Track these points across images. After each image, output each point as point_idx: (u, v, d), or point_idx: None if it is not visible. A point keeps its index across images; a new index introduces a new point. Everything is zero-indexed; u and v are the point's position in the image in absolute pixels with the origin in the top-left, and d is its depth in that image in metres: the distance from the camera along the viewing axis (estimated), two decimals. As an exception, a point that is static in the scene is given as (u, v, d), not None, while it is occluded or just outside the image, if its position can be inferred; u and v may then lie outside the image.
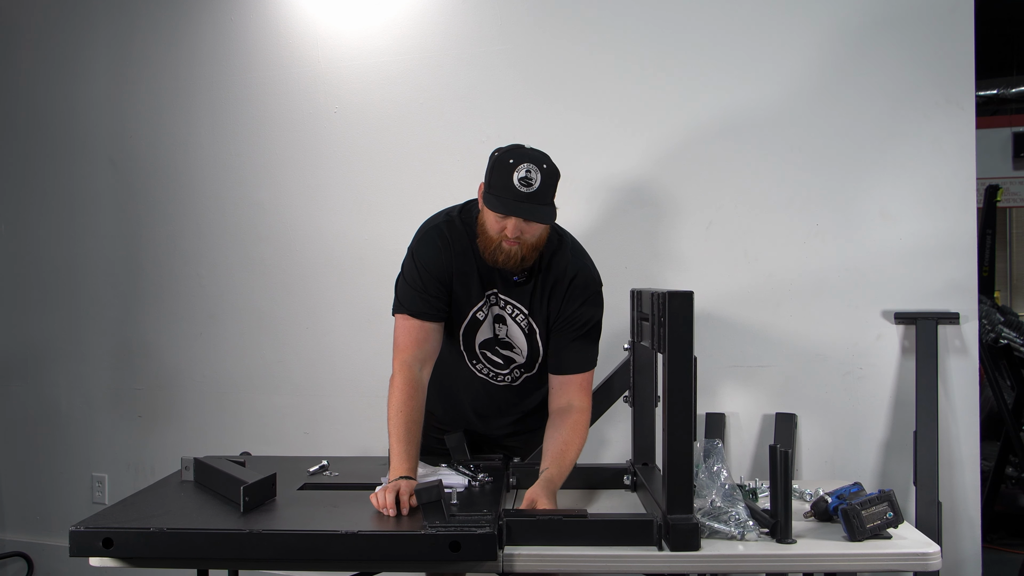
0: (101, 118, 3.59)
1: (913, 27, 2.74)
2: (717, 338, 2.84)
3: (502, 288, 2.14)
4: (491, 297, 2.16)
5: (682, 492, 1.76)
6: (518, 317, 2.17)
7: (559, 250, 2.15)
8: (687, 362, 1.78)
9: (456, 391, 2.31)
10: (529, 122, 3.05)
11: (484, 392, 2.28)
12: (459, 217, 2.16)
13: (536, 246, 2.05)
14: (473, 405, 2.32)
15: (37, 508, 3.75)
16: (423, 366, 2.13)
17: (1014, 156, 7.07)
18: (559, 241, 2.17)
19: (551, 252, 2.14)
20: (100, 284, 3.61)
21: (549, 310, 2.14)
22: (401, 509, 1.84)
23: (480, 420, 2.34)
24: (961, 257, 2.72)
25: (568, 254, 2.16)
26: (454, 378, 2.29)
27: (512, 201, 1.96)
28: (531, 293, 2.13)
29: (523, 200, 1.96)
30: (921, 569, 1.75)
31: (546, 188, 1.98)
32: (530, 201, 1.96)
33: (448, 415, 2.36)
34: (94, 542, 1.71)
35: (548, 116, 3.03)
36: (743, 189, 2.88)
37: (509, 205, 1.96)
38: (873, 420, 2.79)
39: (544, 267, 2.13)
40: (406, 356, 2.12)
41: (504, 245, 2.01)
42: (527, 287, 2.13)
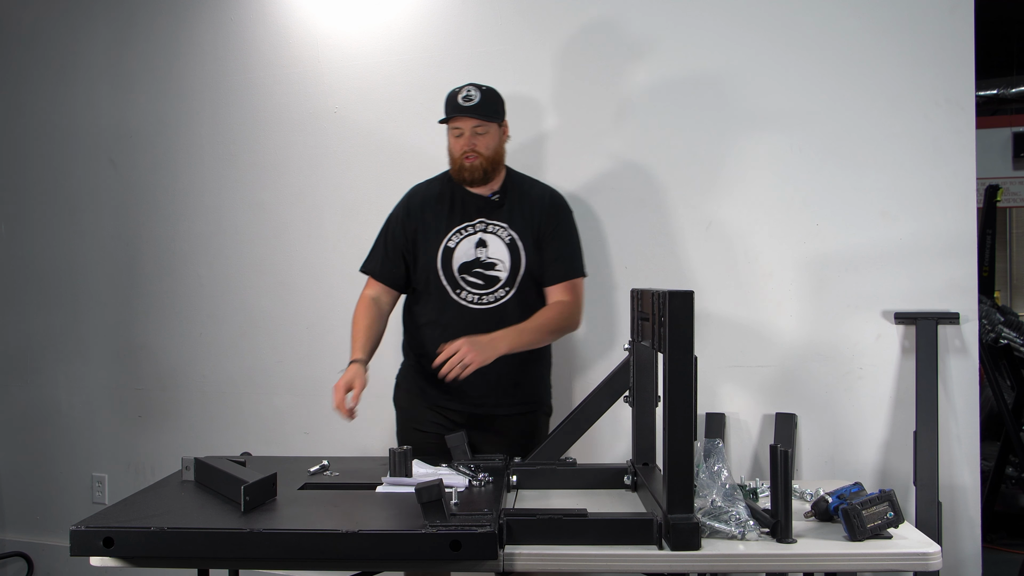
0: (101, 118, 3.59)
1: (913, 27, 2.74)
2: (717, 338, 2.84)
3: (487, 214, 2.51)
4: (475, 226, 2.51)
5: (682, 492, 1.76)
6: (500, 232, 2.50)
7: (525, 180, 2.60)
8: (687, 362, 1.78)
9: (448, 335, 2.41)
10: (529, 121, 3.05)
11: (472, 324, 2.44)
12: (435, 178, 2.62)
13: (492, 158, 2.48)
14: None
15: (37, 508, 3.75)
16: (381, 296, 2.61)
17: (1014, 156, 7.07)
18: (531, 179, 2.62)
19: (518, 180, 2.58)
20: (100, 284, 3.61)
21: (538, 228, 2.51)
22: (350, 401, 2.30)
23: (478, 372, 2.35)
24: (961, 257, 2.72)
25: (535, 182, 2.62)
26: (444, 324, 2.51)
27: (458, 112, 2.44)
28: (509, 211, 2.51)
29: (467, 111, 2.44)
30: (921, 569, 1.75)
31: (486, 102, 2.46)
32: (473, 111, 2.44)
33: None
34: (95, 541, 1.71)
35: (548, 116, 3.03)
36: (743, 189, 2.88)
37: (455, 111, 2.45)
38: (873, 420, 2.79)
39: (515, 190, 2.55)
40: (366, 291, 2.62)
41: (466, 162, 2.46)
42: (504, 208, 2.52)
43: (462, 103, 2.44)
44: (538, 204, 2.54)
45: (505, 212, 2.52)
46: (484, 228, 2.52)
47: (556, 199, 2.59)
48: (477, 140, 2.46)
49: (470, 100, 2.44)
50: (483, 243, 2.50)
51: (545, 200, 2.56)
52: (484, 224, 2.52)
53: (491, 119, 2.47)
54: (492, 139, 2.48)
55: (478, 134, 2.46)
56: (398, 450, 2.11)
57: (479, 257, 2.50)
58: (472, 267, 2.50)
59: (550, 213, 2.54)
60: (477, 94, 2.45)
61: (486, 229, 2.51)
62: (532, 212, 2.52)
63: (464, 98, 2.45)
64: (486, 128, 2.47)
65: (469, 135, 2.45)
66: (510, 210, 2.52)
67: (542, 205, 2.54)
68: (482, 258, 2.50)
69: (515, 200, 2.54)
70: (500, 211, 2.52)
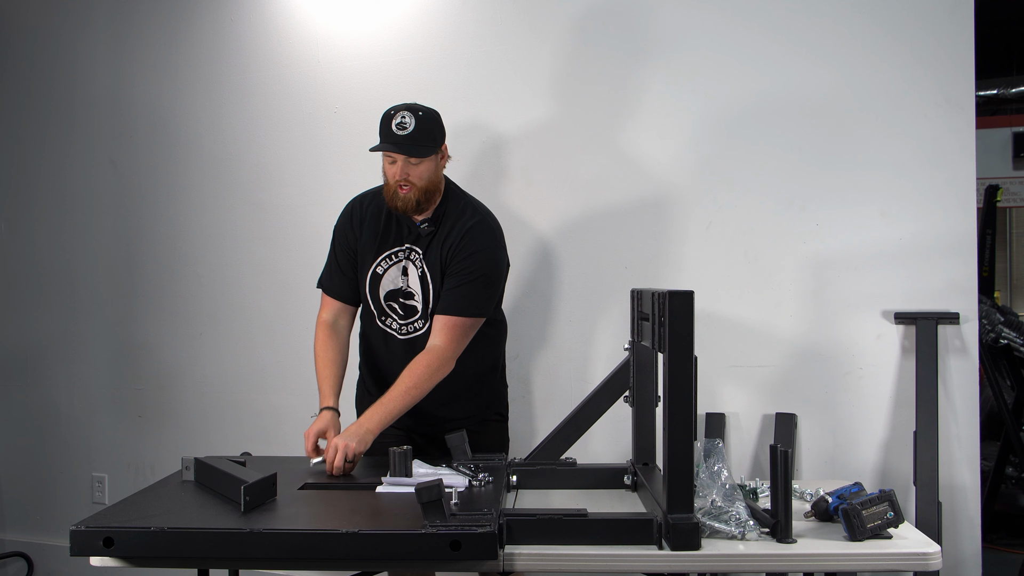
0: (101, 118, 3.59)
1: (913, 27, 2.74)
2: (717, 338, 2.84)
3: (409, 239, 2.41)
4: (399, 252, 2.41)
5: (682, 492, 1.76)
6: (416, 262, 2.40)
7: (459, 206, 2.42)
8: (687, 362, 1.78)
9: (380, 361, 2.48)
10: (529, 121, 3.05)
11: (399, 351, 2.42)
12: (374, 192, 2.49)
13: (427, 189, 2.33)
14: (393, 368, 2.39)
15: (37, 508, 3.75)
16: (338, 318, 2.51)
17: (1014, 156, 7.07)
18: (470, 206, 2.43)
19: (453, 207, 2.41)
20: (100, 284, 3.62)
21: (443, 256, 2.37)
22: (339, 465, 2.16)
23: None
24: (961, 257, 2.72)
25: (466, 209, 2.42)
26: (376, 348, 2.50)
27: (390, 143, 2.29)
28: (429, 242, 2.38)
29: (399, 141, 2.27)
30: (921, 569, 1.75)
31: (420, 131, 2.29)
32: (406, 142, 2.27)
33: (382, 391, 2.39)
34: (95, 541, 1.71)
35: (548, 116, 3.03)
36: (743, 189, 2.88)
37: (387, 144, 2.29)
38: (873, 420, 2.79)
39: (448, 218, 2.39)
40: (324, 314, 2.52)
41: (399, 191, 2.31)
42: (429, 237, 2.38)
43: (395, 131, 2.27)
44: (454, 235, 2.36)
45: (425, 241, 2.38)
46: (408, 255, 2.41)
47: (472, 233, 2.37)
48: (410, 170, 2.30)
49: (404, 129, 2.27)
50: (405, 271, 2.41)
51: (463, 231, 2.37)
52: (409, 251, 2.41)
53: (421, 153, 2.29)
54: (426, 169, 2.31)
55: (412, 164, 2.29)
56: (398, 450, 2.11)
57: (401, 286, 2.42)
58: (396, 296, 2.43)
59: (459, 247, 2.35)
60: (412, 122, 2.28)
61: (409, 256, 2.41)
62: (447, 243, 2.37)
63: (398, 126, 2.27)
64: (419, 159, 2.30)
65: (402, 165, 2.29)
66: (430, 241, 2.38)
67: (456, 236, 2.36)
68: (403, 287, 2.42)
69: (444, 230, 2.38)
70: (423, 240, 2.39)
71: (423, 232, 2.38)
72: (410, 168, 2.30)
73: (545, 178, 3.03)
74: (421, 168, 2.31)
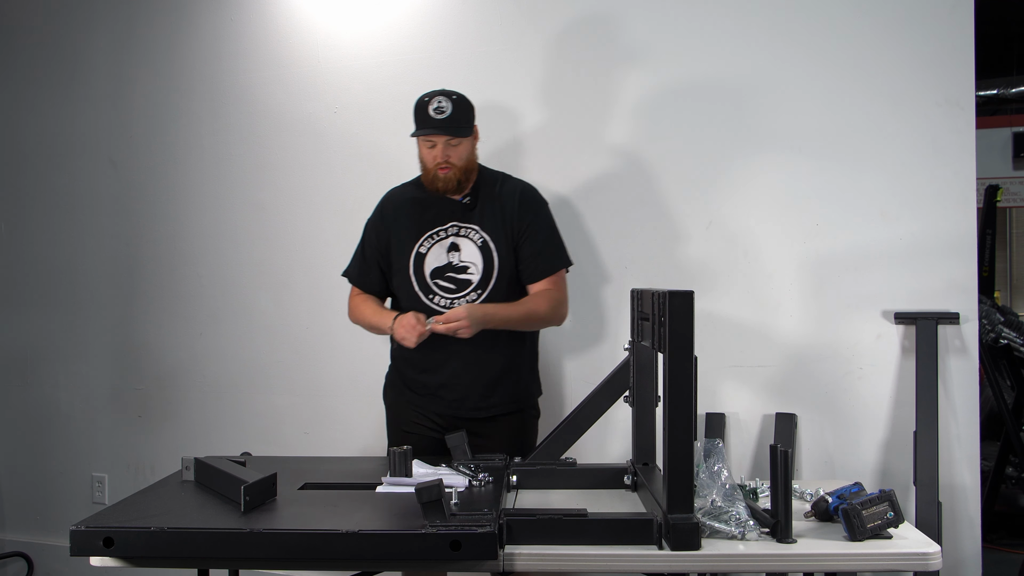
0: (101, 118, 3.59)
1: (913, 27, 2.74)
2: (717, 338, 2.84)
3: (460, 217, 2.50)
4: (448, 230, 2.50)
5: (682, 492, 1.76)
6: (472, 235, 2.49)
7: (496, 178, 2.57)
8: (687, 362, 1.78)
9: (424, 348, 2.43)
10: (529, 121, 3.05)
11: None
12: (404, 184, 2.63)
13: (466, 168, 2.46)
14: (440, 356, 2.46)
15: (37, 508, 3.75)
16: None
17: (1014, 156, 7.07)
18: (502, 175, 2.59)
19: (489, 180, 2.55)
20: (100, 284, 3.62)
21: (511, 226, 2.49)
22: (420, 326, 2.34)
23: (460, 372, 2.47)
24: (961, 257, 2.72)
25: (510, 179, 2.58)
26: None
27: (431, 128, 2.42)
28: (481, 213, 2.50)
29: (440, 124, 2.41)
30: (921, 569, 1.75)
31: (458, 114, 2.42)
32: (447, 124, 2.41)
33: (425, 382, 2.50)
34: (95, 541, 1.71)
35: (548, 116, 3.03)
36: (743, 189, 2.88)
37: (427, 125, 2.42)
38: (873, 420, 2.79)
39: (487, 190, 2.52)
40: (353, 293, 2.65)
41: (439, 173, 2.43)
42: (476, 210, 2.50)
43: (434, 115, 2.41)
44: (508, 202, 2.51)
45: (476, 215, 2.50)
46: (456, 232, 2.50)
47: (527, 193, 2.56)
48: (450, 151, 2.43)
49: (442, 112, 2.41)
50: (455, 247, 2.49)
51: (515, 197, 2.53)
52: (456, 228, 2.50)
53: (463, 133, 2.44)
54: (465, 149, 2.46)
55: (452, 146, 2.43)
56: (398, 450, 2.11)
57: (451, 261, 2.49)
58: (444, 272, 2.49)
59: (521, 209, 2.51)
60: (449, 105, 2.41)
61: (458, 233, 2.50)
62: (503, 212, 2.50)
63: (436, 110, 2.41)
64: (459, 140, 2.44)
65: (442, 147, 2.43)
66: (481, 212, 2.50)
67: (512, 203, 2.51)
68: (454, 262, 2.49)
69: (486, 201, 2.51)
70: (472, 214, 2.50)
71: (467, 205, 2.50)
72: (450, 150, 2.43)
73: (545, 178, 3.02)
74: (460, 148, 2.45)
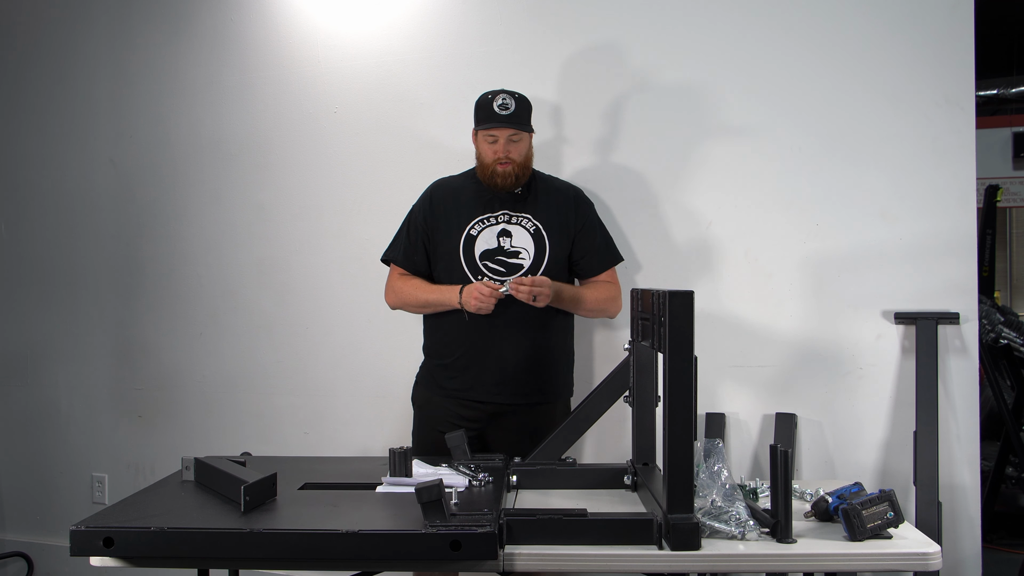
0: (101, 118, 3.59)
1: (913, 27, 2.74)
2: (717, 338, 2.84)
3: (511, 207, 2.59)
4: (499, 217, 2.58)
5: (682, 492, 1.76)
6: (524, 223, 2.58)
7: (547, 176, 2.71)
8: (687, 362, 1.78)
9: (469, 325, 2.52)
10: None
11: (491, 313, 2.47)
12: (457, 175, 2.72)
13: (524, 164, 2.55)
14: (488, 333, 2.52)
15: (37, 508, 3.75)
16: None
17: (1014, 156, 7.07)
18: (551, 177, 2.73)
19: (541, 177, 2.67)
20: (100, 284, 3.61)
21: (568, 220, 2.61)
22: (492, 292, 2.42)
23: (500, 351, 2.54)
24: (961, 257, 2.72)
25: (557, 179, 2.74)
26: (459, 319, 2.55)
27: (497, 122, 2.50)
28: (534, 203, 2.60)
29: (505, 119, 2.50)
30: (921, 569, 1.75)
31: (521, 111, 2.54)
32: (512, 118, 2.51)
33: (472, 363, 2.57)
34: (95, 541, 1.71)
35: (548, 115, 3.03)
36: (743, 189, 2.88)
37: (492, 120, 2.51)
38: (873, 420, 2.79)
39: (539, 185, 2.64)
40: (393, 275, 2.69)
41: (499, 168, 2.52)
42: (528, 200, 2.60)
43: (499, 111, 2.50)
44: (563, 196, 2.64)
45: (529, 204, 2.60)
46: (508, 219, 2.58)
47: (580, 193, 2.70)
48: (511, 148, 2.52)
49: (507, 108, 2.50)
50: (506, 233, 2.57)
51: (570, 193, 2.67)
52: (508, 216, 2.59)
53: (526, 129, 2.55)
54: (524, 146, 2.56)
55: (513, 142, 2.52)
56: (398, 450, 2.11)
57: (502, 246, 2.57)
58: (494, 255, 2.56)
59: (578, 206, 2.65)
60: (512, 103, 2.52)
61: (510, 220, 2.58)
62: (558, 204, 2.62)
63: (500, 106, 2.50)
64: (520, 136, 2.53)
65: (504, 143, 2.51)
66: (534, 202, 2.60)
67: (566, 197, 2.65)
68: (505, 247, 2.56)
69: (539, 193, 2.62)
70: (523, 203, 2.60)
71: (518, 195, 2.59)
72: (511, 145, 2.52)
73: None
74: (521, 145, 2.55)
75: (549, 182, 2.69)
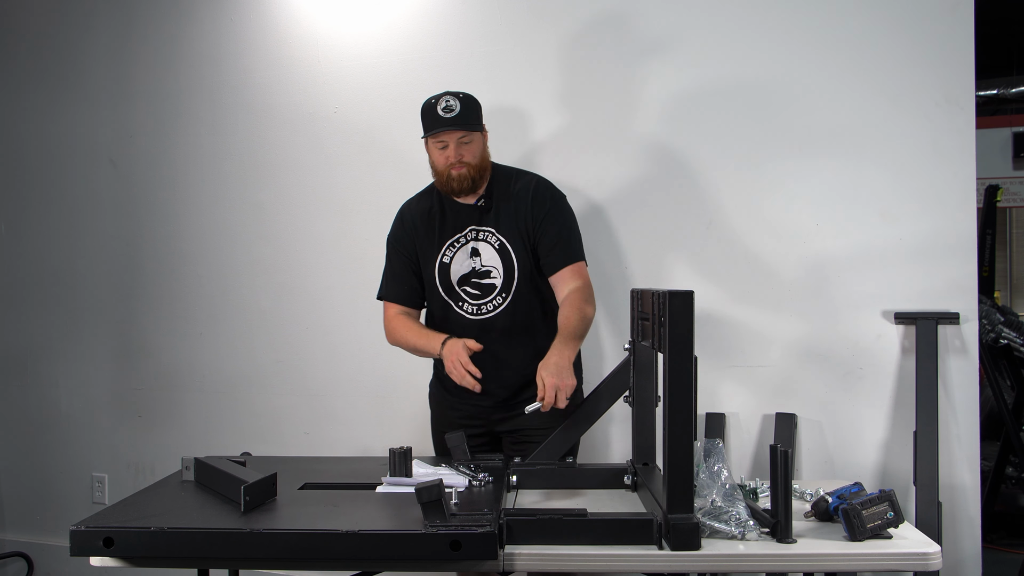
0: (101, 118, 3.59)
1: (913, 27, 2.74)
2: (717, 338, 2.84)
3: (476, 223, 2.48)
4: (465, 236, 2.49)
5: (682, 492, 1.76)
6: (490, 238, 2.47)
7: (510, 175, 2.53)
8: (687, 362, 1.78)
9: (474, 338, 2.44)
10: (529, 122, 3.05)
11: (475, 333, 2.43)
12: (419, 194, 2.59)
13: (480, 166, 2.43)
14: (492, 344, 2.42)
15: (37, 508, 3.75)
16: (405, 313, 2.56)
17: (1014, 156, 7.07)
18: (516, 172, 2.56)
19: (503, 178, 2.52)
20: (100, 284, 3.61)
21: (524, 224, 2.46)
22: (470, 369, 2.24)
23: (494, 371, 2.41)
24: (961, 257, 2.72)
25: (523, 175, 2.55)
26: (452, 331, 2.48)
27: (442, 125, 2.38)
28: (496, 215, 2.48)
29: (451, 121, 2.37)
30: (921, 569, 1.75)
31: (467, 111, 2.40)
32: (458, 120, 2.38)
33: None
34: (95, 541, 1.71)
35: (548, 116, 3.03)
36: (743, 189, 2.88)
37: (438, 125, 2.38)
38: (873, 420, 2.79)
39: (500, 190, 2.49)
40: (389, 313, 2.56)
41: (453, 172, 2.41)
42: (491, 212, 2.48)
43: (443, 114, 2.38)
44: (522, 199, 2.48)
45: (492, 217, 2.48)
46: (475, 236, 2.49)
47: (540, 188, 2.51)
48: (463, 150, 2.41)
49: (451, 111, 2.38)
50: (476, 252, 2.48)
51: (528, 193, 2.49)
52: (475, 232, 2.49)
53: (474, 127, 2.43)
54: (477, 146, 2.44)
55: (464, 143, 2.41)
56: (398, 450, 2.11)
57: (474, 267, 2.48)
58: (469, 278, 2.49)
59: (535, 203, 2.47)
60: (457, 104, 2.39)
61: (477, 237, 2.49)
62: (517, 210, 2.47)
63: (445, 109, 2.38)
64: (470, 137, 2.42)
65: (455, 146, 2.40)
66: (496, 213, 2.48)
67: (525, 199, 2.48)
68: (477, 267, 2.48)
69: (501, 201, 2.49)
70: (487, 216, 2.48)
71: (482, 208, 2.48)
72: (463, 148, 2.41)
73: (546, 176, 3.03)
74: (473, 146, 2.42)
75: (510, 184, 2.51)
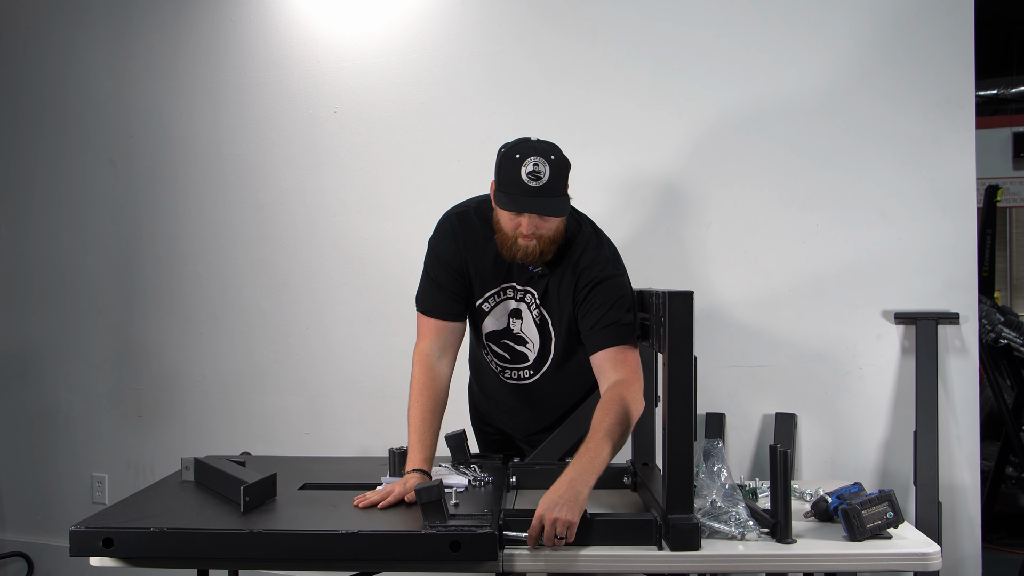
0: (101, 118, 3.59)
1: (913, 27, 2.74)
2: (717, 338, 2.84)
3: (519, 279, 2.11)
4: (508, 290, 2.13)
5: (682, 492, 1.76)
6: (532, 308, 2.13)
7: (580, 242, 2.09)
8: (687, 362, 1.78)
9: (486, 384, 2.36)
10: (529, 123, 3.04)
11: (498, 390, 2.31)
12: (475, 210, 2.14)
13: (553, 239, 2.00)
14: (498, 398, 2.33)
15: (37, 508, 3.75)
16: (442, 355, 2.14)
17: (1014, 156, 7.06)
18: (578, 228, 2.11)
19: (575, 243, 2.09)
20: (100, 284, 3.61)
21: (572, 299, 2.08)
22: (383, 501, 1.87)
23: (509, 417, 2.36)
24: (961, 257, 2.72)
25: (588, 247, 2.09)
26: (480, 379, 2.38)
27: (522, 197, 1.92)
28: (547, 282, 2.10)
29: (534, 195, 1.92)
30: (921, 569, 1.75)
31: (556, 179, 1.94)
32: (541, 195, 1.92)
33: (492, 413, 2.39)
34: (94, 542, 1.71)
35: (548, 117, 3.03)
36: (743, 189, 2.88)
37: (520, 202, 1.93)
38: (873, 420, 2.79)
39: (566, 256, 2.08)
40: (423, 345, 2.15)
41: (520, 242, 1.98)
42: (545, 278, 2.10)
43: (528, 182, 1.91)
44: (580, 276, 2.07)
45: (541, 283, 2.10)
46: (522, 296, 2.12)
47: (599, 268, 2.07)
48: (540, 221, 1.96)
49: (538, 178, 1.91)
50: (518, 314, 2.14)
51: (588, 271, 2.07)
52: (523, 293, 2.12)
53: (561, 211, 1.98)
54: (560, 220, 2.00)
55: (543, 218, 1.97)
56: (398, 450, 2.11)
57: (511, 328, 2.16)
58: (501, 337, 2.18)
59: (589, 281, 2.06)
60: (546, 169, 1.92)
61: (523, 298, 2.13)
62: (572, 286, 2.08)
63: (531, 175, 1.91)
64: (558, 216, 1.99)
65: (530, 219, 1.95)
66: (548, 282, 2.09)
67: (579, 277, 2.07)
68: (515, 330, 2.16)
69: (561, 270, 2.08)
70: (540, 282, 2.10)
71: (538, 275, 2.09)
72: (539, 221, 1.96)
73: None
74: (554, 220, 1.98)
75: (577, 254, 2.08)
